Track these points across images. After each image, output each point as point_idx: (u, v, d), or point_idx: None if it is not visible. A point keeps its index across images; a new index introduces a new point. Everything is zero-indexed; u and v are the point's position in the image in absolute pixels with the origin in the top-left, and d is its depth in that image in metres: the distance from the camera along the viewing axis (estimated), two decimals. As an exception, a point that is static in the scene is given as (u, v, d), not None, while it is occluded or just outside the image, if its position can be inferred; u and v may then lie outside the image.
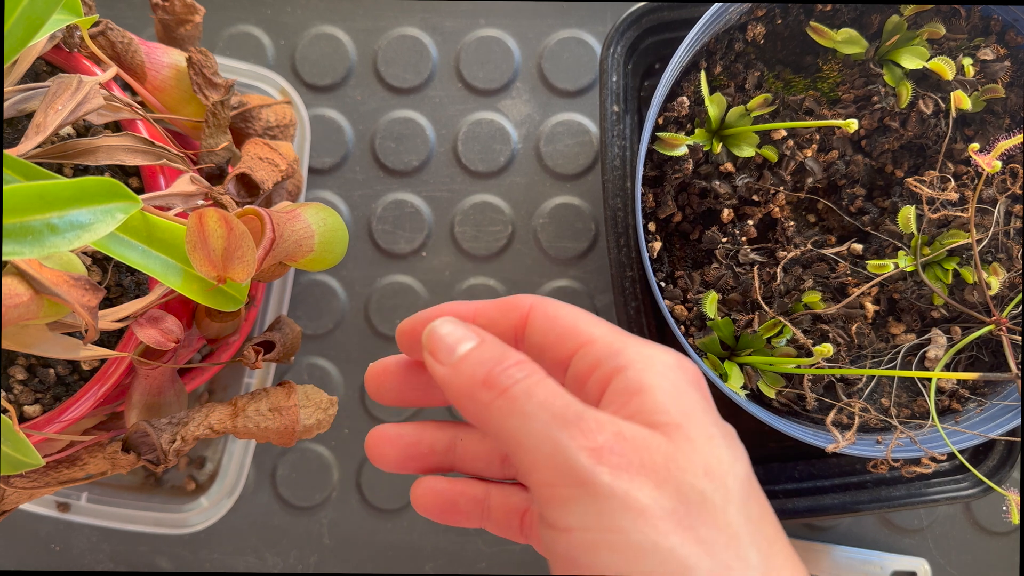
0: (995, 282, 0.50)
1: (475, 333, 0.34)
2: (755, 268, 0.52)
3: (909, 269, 0.51)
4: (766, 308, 0.51)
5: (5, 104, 0.42)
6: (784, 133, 0.52)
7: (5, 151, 0.36)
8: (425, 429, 0.40)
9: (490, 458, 0.40)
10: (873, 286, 0.52)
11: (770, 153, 0.52)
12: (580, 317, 0.35)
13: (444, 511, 0.39)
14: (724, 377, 0.50)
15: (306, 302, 0.66)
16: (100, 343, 0.43)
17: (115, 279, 0.46)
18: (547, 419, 0.30)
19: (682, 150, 0.51)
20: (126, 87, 0.50)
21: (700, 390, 0.33)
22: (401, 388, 0.41)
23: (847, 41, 0.52)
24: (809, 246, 0.53)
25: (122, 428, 0.50)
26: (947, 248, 0.50)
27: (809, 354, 0.50)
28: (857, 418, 0.50)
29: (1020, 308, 0.51)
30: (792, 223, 0.53)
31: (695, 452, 0.30)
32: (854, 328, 0.52)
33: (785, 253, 0.52)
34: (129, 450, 0.46)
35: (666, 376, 0.32)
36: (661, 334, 0.56)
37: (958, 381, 0.54)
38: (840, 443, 0.49)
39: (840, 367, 0.52)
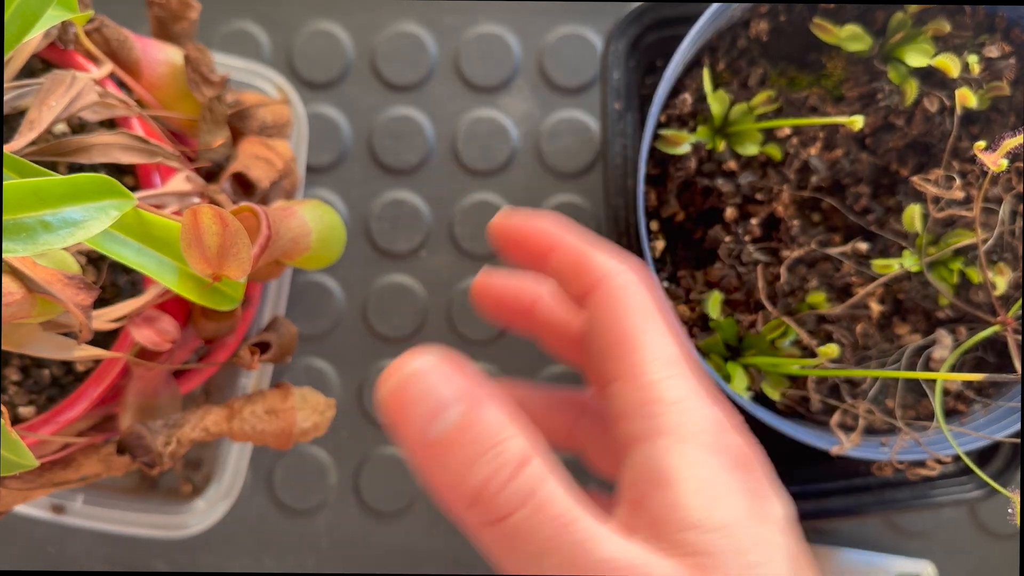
0: (1001, 282, 0.50)
1: (462, 389, 0.25)
2: (759, 268, 0.52)
3: (914, 269, 0.50)
4: (770, 308, 0.51)
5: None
6: (788, 131, 0.52)
7: (-3, 147, 0.36)
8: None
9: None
10: (878, 286, 0.51)
11: (774, 151, 0.52)
12: (641, 327, 0.28)
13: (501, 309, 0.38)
14: (727, 378, 0.50)
15: (303, 302, 0.66)
16: (95, 344, 0.42)
17: (110, 279, 0.46)
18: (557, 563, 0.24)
19: (685, 148, 0.51)
20: (122, 84, 0.49)
21: (745, 469, 0.27)
22: (501, 314, 0.37)
23: (851, 38, 0.51)
24: (813, 245, 0.52)
25: (117, 430, 0.49)
26: (952, 247, 0.50)
27: (813, 355, 0.49)
28: (862, 420, 0.50)
29: (1026, 308, 0.51)
30: (796, 222, 0.53)
31: None
32: (859, 328, 0.52)
33: (789, 252, 0.52)
34: (124, 452, 0.45)
35: (701, 460, 0.26)
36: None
37: (963, 382, 0.53)
38: (845, 445, 0.48)
39: (845, 368, 0.51)
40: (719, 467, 0.26)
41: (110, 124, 0.47)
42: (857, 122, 0.47)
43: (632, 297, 0.29)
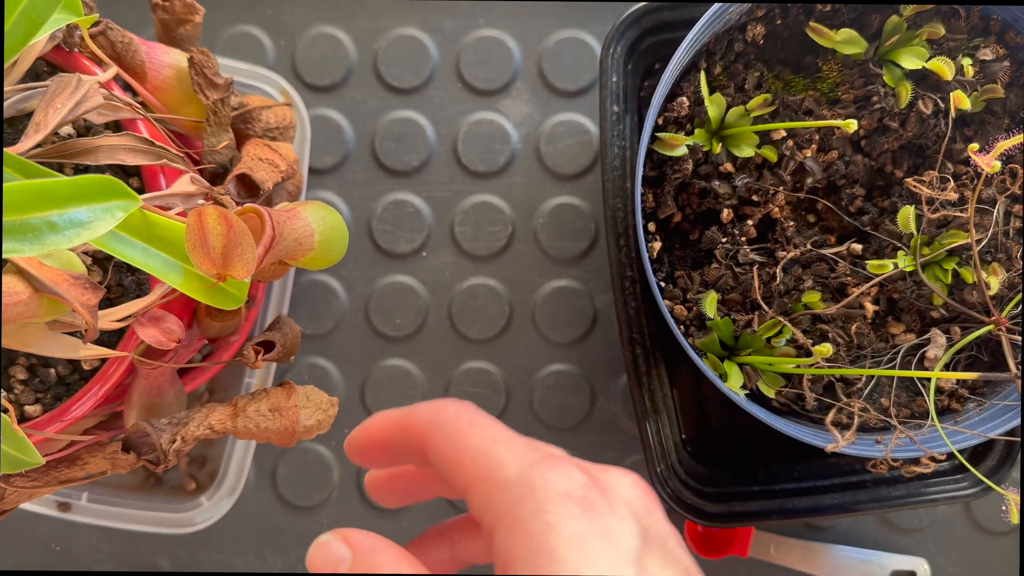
0: (994, 282, 0.50)
1: (353, 547, 0.33)
2: (755, 268, 0.52)
3: (908, 269, 0.51)
4: (766, 308, 0.51)
5: (5, 103, 0.42)
6: (784, 133, 0.52)
7: (5, 149, 0.36)
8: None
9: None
10: (872, 286, 0.52)
11: (770, 153, 0.52)
12: (462, 441, 0.32)
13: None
14: (724, 377, 0.50)
15: (306, 302, 0.67)
16: (101, 343, 0.43)
17: (115, 279, 0.46)
18: None
19: (682, 150, 0.51)
20: (127, 87, 0.50)
21: (588, 509, 0.30)
22: (398, 494, 0.41)
23: (847, 41, 0.52)
24: (808, 246, 0.53)
25: (122, 428, 0.50)
26: (946, 248, 0.50)
27: (808, 354, 0.50)
28: (856, 418, 0.50)
29: (1019, 308, 0.51)
30: (792, 223, 0.53)
31: None
32: (853, 328, 0.52)
33: (785, 253, 0.52)
34: (129, 450, 0.46)
35: (536, 528, 0.29)
36: (661, 334, 0.56)
37: (957, 381, 0.54)
38: (840, 443, 0.49)
39: (839, 367, 0.52)
40: (554, 526, 0.28)
41: (115, 126, 0.47)
42: (852, 125, 0.47)
43: (447, 425, 0.33)
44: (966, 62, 0.51)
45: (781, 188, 0.52)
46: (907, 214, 0.50)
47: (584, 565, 0.28)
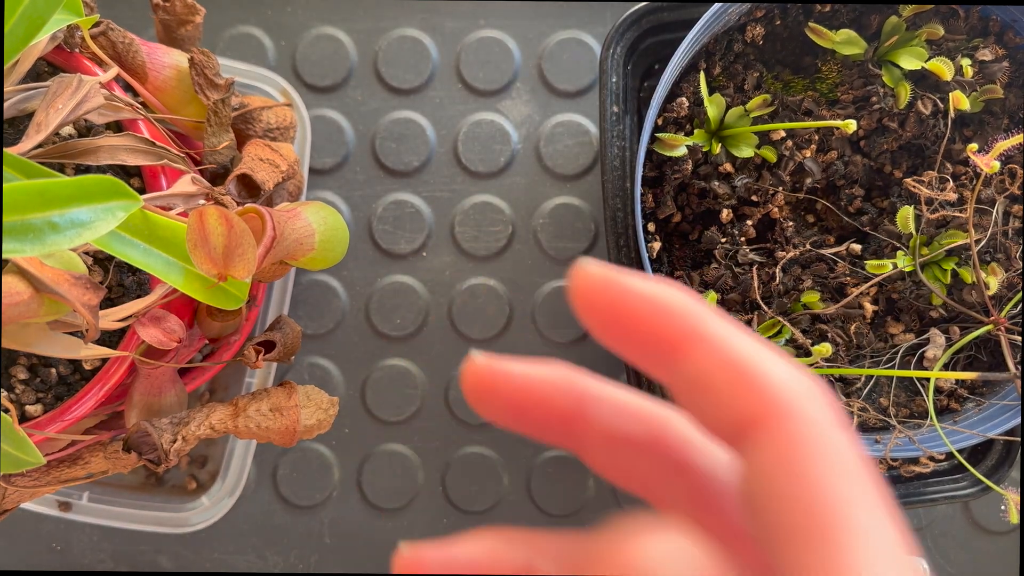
0: (993, 282, 0.50)
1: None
2: (754, 268, 0.52)
3: (908, 269, 0.51)
4: (765, 308, 0.51)
5: (6, 104, 0.43)
6: (783, 134, 0.52)
7: (5, 149, 0.36)
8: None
9: None
10: (872, 286, 0.52)
11: (769, 154, 0.52)
12: (849, 506, 0.19)
13: None
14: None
15: (307, 302, 0.67)
16: (102, 343, 0.43)
17: (116, 279, 0.47)
18: None
19: (681, 151, 0.51)
20: (127, 88, 0.50)
21: None
22: (514, 411, 0.25)
23: (846, 42, 0.52)
24: (808, 246, 0.53)
25: (123, 428, 0.50)
26: (946, 248, 0.51)
27: (808, 354, 0.50)
28: (856, 417, 0.50)
29: (1018, 308, 0.51)
30: (791, 223, 0.53)
31: None
32: (853, 328, 0.52)
33: (784, 253, 0.52)
34: (130, 450, 0.46)
35: None
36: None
37: (957, 381, 0.54)
38: (839, 442, 0.49)
39: (839, 367, 0.52)
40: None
41: (116, 127, 0.47)
42: (851, 125, 0.48)
43: (830, 448, 0.19)
44: (965, 62, 0.51)
45: (780, 188, 0.53)
46: (906, 214, 0.50)
47: None
